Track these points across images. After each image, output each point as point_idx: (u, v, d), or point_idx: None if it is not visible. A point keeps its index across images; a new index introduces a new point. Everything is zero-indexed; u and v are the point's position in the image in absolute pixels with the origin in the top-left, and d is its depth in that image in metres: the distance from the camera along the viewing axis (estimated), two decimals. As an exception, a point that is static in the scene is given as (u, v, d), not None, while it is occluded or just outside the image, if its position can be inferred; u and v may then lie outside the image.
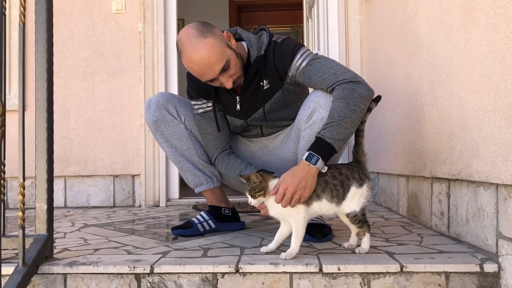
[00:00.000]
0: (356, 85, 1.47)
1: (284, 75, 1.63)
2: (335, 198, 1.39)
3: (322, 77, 1.53)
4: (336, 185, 1.39)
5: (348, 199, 1.38)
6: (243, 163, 1.72)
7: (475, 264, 1.26)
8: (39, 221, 1.38)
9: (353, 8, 3.02)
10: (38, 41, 1.38)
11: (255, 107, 1.70)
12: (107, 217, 2.48)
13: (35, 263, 1.31)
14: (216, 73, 1.53)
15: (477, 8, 1.36)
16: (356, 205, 1.39)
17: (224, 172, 1.78)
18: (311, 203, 1.40)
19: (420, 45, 1.84)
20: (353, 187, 1.38)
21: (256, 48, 1.65)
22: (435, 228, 1.77)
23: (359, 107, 1.43)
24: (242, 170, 1.69)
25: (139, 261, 1.36)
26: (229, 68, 1.55)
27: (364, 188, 1.40)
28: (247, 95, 1.68)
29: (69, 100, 3.11)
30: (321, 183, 1.39)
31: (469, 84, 1.41)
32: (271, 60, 1.63)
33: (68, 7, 3.12)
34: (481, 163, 1.34)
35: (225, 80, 1.56)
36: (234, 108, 1.72)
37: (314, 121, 1.53)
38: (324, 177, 1.39)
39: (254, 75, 1.65)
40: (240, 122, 1.76)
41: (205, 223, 1.84)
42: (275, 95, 1.67)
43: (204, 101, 1.76)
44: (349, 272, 1.28)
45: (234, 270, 1.29)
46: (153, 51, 3.07)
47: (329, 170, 1.40)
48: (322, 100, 1.51)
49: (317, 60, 1.57)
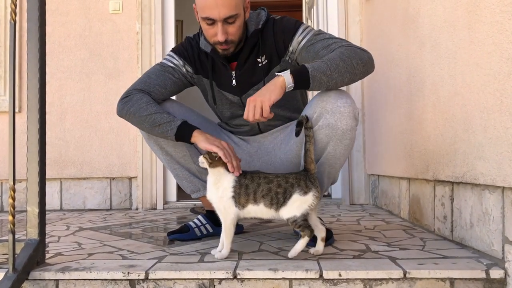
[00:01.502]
0: (357, 48, 1.50)
1: (283, 51, 1.62)
2: (274, 205, 1.38)
3: (327, 43, 1.53)
4: (279, 193, 1.37)
5: (288, 206, 1.37)
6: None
7: (481, 270, 1.22)
8: (30, 225, 1.33)
9: (353, 9, 2.99)
10: (30, 40, 1.34)
11: (251, 83, 1.67)
12: (103, 220, 2.43)
13: (25, 268, 1.26)
14: (220, 15, 1.51)
15: (482, 6, 1.32)
16: (297, 210, 1.37)
17: (136, 106, 1.59)
18: (247, 205, 1.39)
19: (423, 45, 1.80)
20: (296, 194, 1.37)
21: (254, 23, 1.64)
22: (438, 232, 1.73)
23: (350, 62, 1.45)
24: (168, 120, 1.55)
25: (133, 267, 1.32)
26: (233, 24, 1.54)
27: (309, 196, 1.37)
28: (243, 70, 1.65)
29: (65, 101, 3.07)
30: (263, 189, 1.38)
31: (473, 84, 1.37)
32: (270, 35, 1.62)
33: (65, 7, 3.08)
34: (486, 166, 1.30)
35: (221, 31, 1.53)
36: (230, 83, 1.68)
37: (320, 126, 1.49)
38: (269, 185, 1.38)
39: (251, 49, 1.63)
40: (235, 99, 1.71)
41: (203, 227, 1.80)
42: (271, 71, 1.64)
43: (182, 64, 1.70)
44: (350, 278, 1.24)
45: (232, 276, 1.25)
46: (150, 52, 3.04)
47: (277, 178, 1.39)
48: (329, 106, 1.47)
49: (321, 35, 1.58)
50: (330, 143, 1.50)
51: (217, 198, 1.42)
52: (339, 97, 1.47)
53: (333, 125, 1.47)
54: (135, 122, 1.62)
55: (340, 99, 1.47)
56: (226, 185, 1.40)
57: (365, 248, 1.52)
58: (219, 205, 1.42)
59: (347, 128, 1.47)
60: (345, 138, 1.49)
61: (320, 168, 1.55)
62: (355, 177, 2.96)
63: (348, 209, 2.68)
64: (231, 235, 1.41)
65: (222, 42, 1.56)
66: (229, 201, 1.40)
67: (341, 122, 1.47)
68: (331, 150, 1.51)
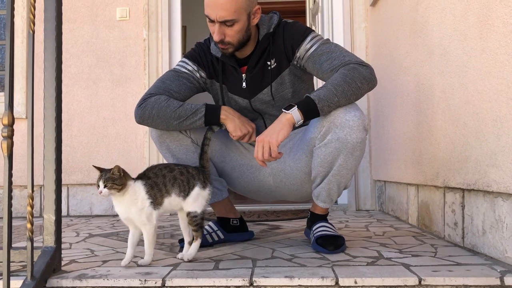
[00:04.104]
0: (361, 66, 1.52)
1: (291, 55, 1.64)
2: (182, 192, 1.45)
3: (331, 57, 1.56)
4: (183, 180, 1.46)
5: (192, 197, 1.46)
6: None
7: (495, 277, 1.23)
8: (47, 232, 1.34)
9: (358, 15, 3.01)
10: (47, 49, 1.36)
11: (261, 87, 1.69)
12: (112, 227, 2.44)
13: (43, 276, 1.27)
14: (217, 17, 1.55)
15: (494, 16, 1.34)
16: (198, 207, 1.47)
17: (157, 107, 1.60)
18: (162, 201, 1.43)
19: (432, 53, 1.82)
20: (197, 187, 1.47)
21: (266, 26, 1.66)
22: (448, 238, 1.74)
23: (355, 83, 1.48)
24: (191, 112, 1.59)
25: (149, 274, 1.33)
26: (231, 27, 1.56)
27: (206, 191, 1.49)
28: (253, 73, 1.68)
29: (72, 108, 3.08)
30: (170, 179, 1.45)
31: (485, 93, 1.39)
32: (280, 39, 1.65)
33: (72, 14, 3.11)
34: (499, 173, 1.31)
35: (217, 31, 1.57)
36: (240, 86, 1.70)
37: (330, 140, 1.50)
38: (173, 173, 1.45)
39: (261, 53, 1.66)
40: (244, 102, 1.73)
41: (214, 234, 1.81)
42: (281, 74, 1.66)
43: (196, 69, 1.72)
44: (366, 285, 1.24)
45: (248, 284, 1.26)
46: (157, 58, 3.06)
47: (177, 166, 1.48)
48: (337, 120, 1.49)
49: (327, 45, 1.60)
50: (340, 155, 1.51)
51: (137, 212, 1.39)
52: (347, 111, 1.49)
53: (343, 139, 1.49)
54: (160, 123, 1.62)
55: (348, 113, 1.48)
56: (141, 194, 1.40)
57: (378, 255, 1.53)
58: (140, 218, 1.40)
59: (358, 141, 1.49)
60: (355, 150, 1.51)
61: (331, 179, 1.57)
62: (361, 183, 2.97)
63: (355, 215, 2.69)
64: (154, 242, 1.45)
65: (219, 42, 1.60)
66: (150, 208, 1.41)
67: (351, 136, 1.48)
68: (342, 162, 1.52)
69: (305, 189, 1.72)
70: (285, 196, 1.82)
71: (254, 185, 1.80)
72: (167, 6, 3.08)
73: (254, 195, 1.87)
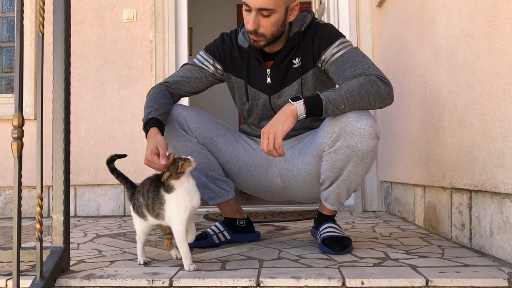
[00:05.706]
0: (382, 82, 1.50)
1: (317, 56, 1.64)
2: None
3: (355, 66, 1.54)
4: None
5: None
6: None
7: (503, 279, 1.23)
8: (56, 233, 1.36)
9: (364, 16, 3.01)
10: (56, 51, 1.37)
11: (283, 84, 1.69)
12: (119, 227, 2.45)
13: (52, 276, 1.28)
14: (256, 4, 1.53)
15: (501, 17, 1.34)
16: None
17: (147, 99, 1.70)
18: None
19: (438, 54, 1.82)
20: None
21: (298, 25, 1.66)
22: (456, 239, 1.73)
23: (367, 98, 1.47)
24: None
25: (157, 274, 1.33)
26: (267, 17, 1.55)
27: None
28: (278, 70, 1.68)
29: (80, 109, 3.11)
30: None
31: (493, 93, 1.39)
32: (309, 39, 1.64)
33: (79, 16, 3.13)
34: (507, 174, 1.30)
35: (252, 20, 1.56)
36: (263, 80, 1.70)
37: (340, 147, 1.49)
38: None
39: (289, 50, 1.66)
40: (263, 97, 1.73)
41: (220, 234, 1.81)
42: (305, 74, 1.66)
43: (212, 63, 1.75)
44: (372, 286, 1.25)
45: (255, 284, 1.26)
46: (164, 59, 3.07)
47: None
48: (348, 128, 1.47)
49: (355, 54, 1.58)
50: (350, 162, 1.51)
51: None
52: (359, 119, 1.46)
53: (354, 147, 1.48)
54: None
55: (360, 121, 1.46)
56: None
57: (384, 256, 1.53)
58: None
59: (368, 149, 1.48)
60: (366, 157, 1.50)
61: (340, 184, 1.56)
62: (367, 183, 2.96)
63: (361, 216, 2.69)
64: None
65: (252, 32, 1.58)
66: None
67: (362, 144, 1.47)
68: (352, 169, 1.52)
69: (313, 191, 1.72)
70: (293, 196, 1.82)
71: (262, 185, 1.81)
72: (173, 8, 3.10)
73: (262, 194, 1.87)
